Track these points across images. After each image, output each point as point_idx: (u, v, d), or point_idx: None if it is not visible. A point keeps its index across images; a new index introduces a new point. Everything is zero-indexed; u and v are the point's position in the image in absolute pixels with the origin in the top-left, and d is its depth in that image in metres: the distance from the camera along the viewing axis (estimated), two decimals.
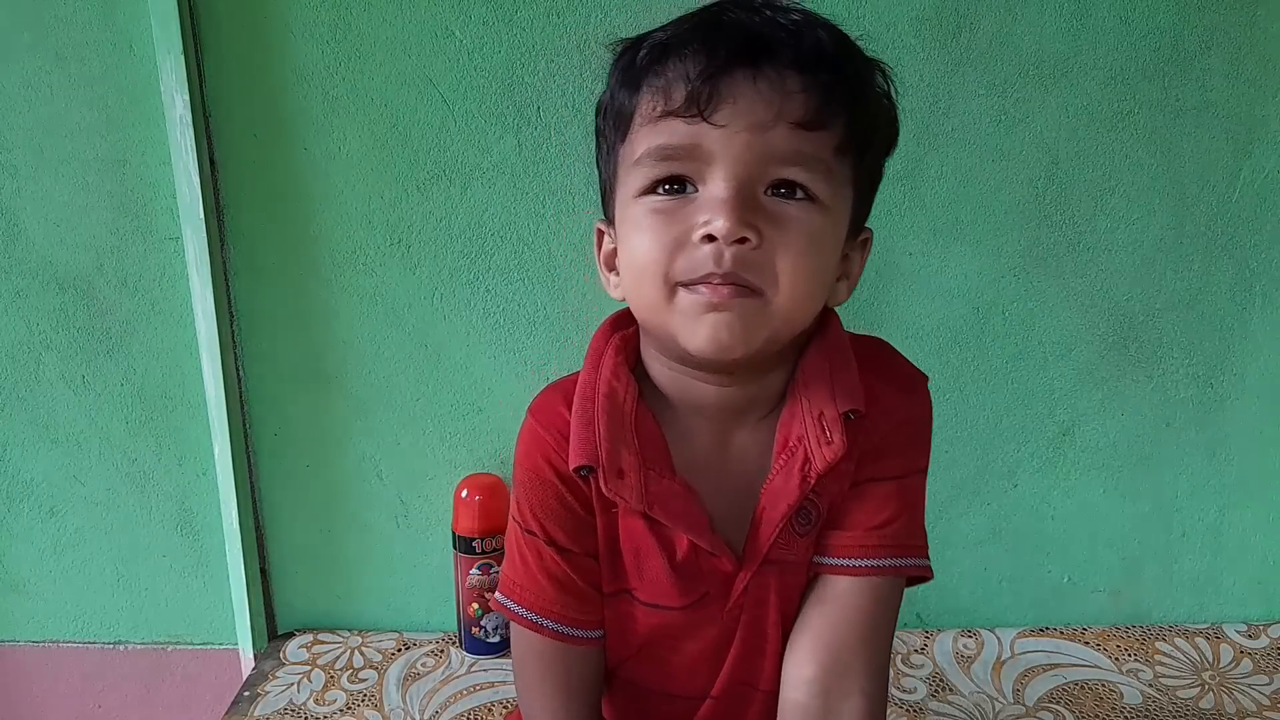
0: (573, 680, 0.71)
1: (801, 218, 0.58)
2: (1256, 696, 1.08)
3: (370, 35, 1.04)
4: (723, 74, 0.56)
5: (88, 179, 1.09)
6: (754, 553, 0.66)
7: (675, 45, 0.58)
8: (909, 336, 1.13)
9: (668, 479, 0.65)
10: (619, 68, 0.62)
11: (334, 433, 1.17)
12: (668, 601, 0.67)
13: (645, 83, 0.59)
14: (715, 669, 0.71)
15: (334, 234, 1.10)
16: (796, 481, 0.64)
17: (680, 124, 0.57)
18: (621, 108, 0.61)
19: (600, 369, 0.67)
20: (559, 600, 0.68)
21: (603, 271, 0.67)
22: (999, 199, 1.09)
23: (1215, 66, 1.05)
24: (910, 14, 1.03)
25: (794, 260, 0.58)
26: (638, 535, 0.66)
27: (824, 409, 0.64)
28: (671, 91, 0.57)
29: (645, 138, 0.59)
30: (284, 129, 1.07)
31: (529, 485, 0.68)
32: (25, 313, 1.14)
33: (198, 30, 1.04)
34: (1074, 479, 1.18)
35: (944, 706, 1.07)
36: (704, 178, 0.58)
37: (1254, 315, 1.13)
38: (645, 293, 0.60)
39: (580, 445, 0.64)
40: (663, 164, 0.58)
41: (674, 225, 0.58)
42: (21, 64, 1.06)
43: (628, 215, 0.61)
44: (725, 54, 0.56)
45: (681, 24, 0.60)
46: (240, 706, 1.09)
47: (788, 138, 0.57)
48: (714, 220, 0.56)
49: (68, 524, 1.22)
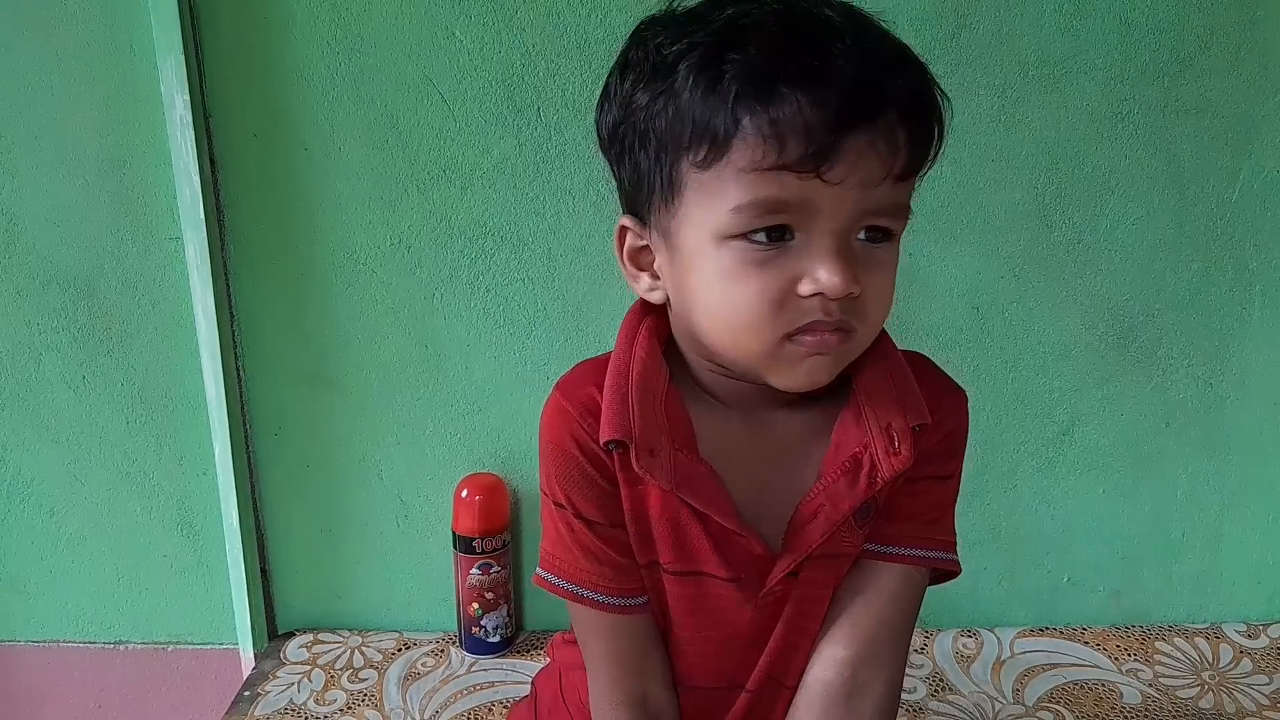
0: (625, 647, 0.71)
1: (886, 259, 0.60)
2: (1256, 696, 1.08)
3: (370, 35, 1.04)
4: (845, 129, 0.54)
5: (88, 179, 1.09)
6: (798, 545, 0.66)
7: (786, 83, 0.53)
8: (909, 336, 1.11)
9: (695, 462, 0.65)
10: (698, 79, 0.55)
11: (334, 433, 1.17)
12: (711, 569, 0.67)
13: (747, 117, 0.54)
14: (745, 660, 0.71)
15: (334, 234, 1.10)
16: (863, 487, 0.66)
17: (794, 179, 0.54)
18: (708, 130, 0.55)
19: (634, 348, 0.67)
20: (594, 571, 0.69)
21: (628, 269, 0.65)
22: (999, 199, 1.09)
23: (1215, 66, 1.05)
24: (910, 14, 1.03)
25: (881, 300, 0.60)
26: (673, 505, 0.66)
27: (892, 420, 0.66)
28: (785, 142, 0.53)
29: (749, 185, 0.55)
30: (284, 129, 1.07)
31: (555, 459, 0.68)
32: (25, 313, 1.14)
33: (198, 30, 1.04)
34: (1074, 479, 1.18)
35: (944, 706, 1.07)
36: (806, 228, 0.57)
37: (1254, 315, 1.13)
38: (745, 343, 0.59)
39: (613, 420, 0.64)
40: (769, 215, 0.56)
41: (777, 279, 0.57)
42: (22, 64, 1.06)
43: (708, 253, 0.58)
44: (848, 108, 0.54)
45: (780, 46, 0.54)
46: (240, 706, 1.09)
47: (890, 192, 0.57)
48: (825, 278, 0.56)
49: (68, 524, 1.22)
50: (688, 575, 0.68)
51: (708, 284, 0.59)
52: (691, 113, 0.55)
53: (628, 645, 0.71)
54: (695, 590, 0.68)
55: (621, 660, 0.70)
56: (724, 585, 0.67)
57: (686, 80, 0.55)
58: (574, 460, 0.67)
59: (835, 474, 0.66)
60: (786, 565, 0.67)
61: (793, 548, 0.67)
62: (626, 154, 0.61)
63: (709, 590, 0.68)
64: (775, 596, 0.68)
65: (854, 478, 0.66)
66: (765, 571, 0.67)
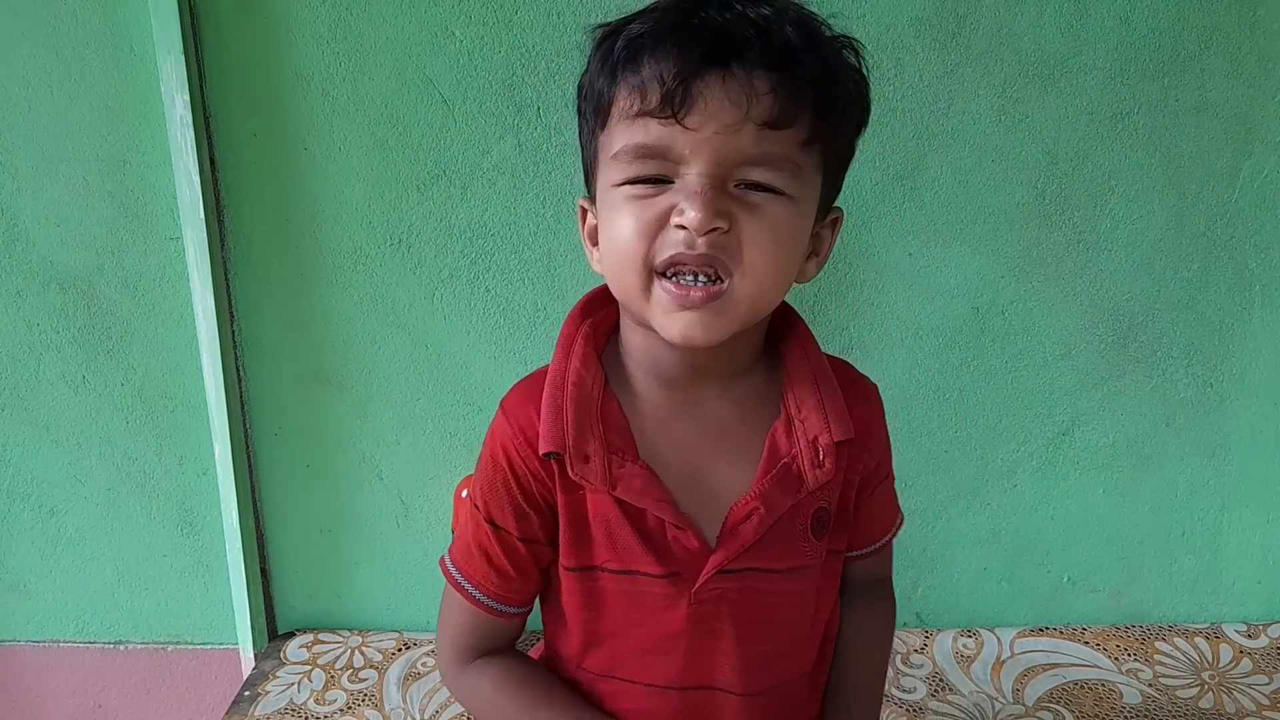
0: (479, 635, 0.77)
1: (769, 209, 0.62)
2: (1256, 696, 1.08)
3: (370, 35, 1.04)
4: (694, 76, 0.59)
5: (88, 179, 1.09)
6: (732, 544, 0.69)
7: (650, 42, 0.60)
8: (909, 336, 1.13)
9: (630, 463, 0.69)
10: (598, 55, 0.64)
11: (334, 433, 1.17)
12: (644, 567, 0.70)
13: (622, 77, 0.62)
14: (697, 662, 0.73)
15: (334, 234, 1.10)
16: (791, 494, 0.70)
17: (655, 124, 0.60)
18: (600, 96, 0.64)
19: (570, 358, 0.71)
20: (485, 574, 0.75)
21: (587, 246, 0.72)
22: (999, 199, 1.09)
23: (1215, 66, 1.05)
24: (910, 14, 1.03)
25: (761, 249, 0.62)
26: (605, 508, 0.70)
27: (819, 435, 0.70)
28: (646, 91, 0.60)
29: (623, 134, 0.62)
30: (284, 129, 1.07)
31: (483, 466, 0.74)
32: (25, 313, 1.14)
33: (198, 30, 1.04)
34: (1074, 479, 1.18)
35: (944, 706, 1.07)
36: (678, 174, 0.62)
37: (1254, 315, 1.13)
38: (625, 277, 0.64)
39: (549, 432, 0.68)
40: (638, 161, 0.62)
41: (650, 211, 0.62)
42: (22, 64, 1.06)
43: (608, 200, 0.65)
44: (696, 55, 0.59)
45: (657, 16, 0.62)
46: (240, 706, 1.09)
47: (755, 139, 0.60)
48: (687, 210, 0.60)
49: (68, 524, 1.22)
50: (623, 574, 0.71)
51: (606, 226, 0.65)
52: (594, 84, 0.64)
53: (481, 634, 0.77)
54: (631, 588, 0.71)
55: (468, 640, 0.77)
56: (657, 582, 0.70)
57: (594, 57, 0.65)
58: (500, 472, 0.72)
59: (767, 481, 0.70)
60: (718, 561, 0.69)
61: (726, 545, 0.70)
62: (580, 137, 0.69)
63: (644, 589, 0.71)
64: (712, 595, 0.70)
65: (784, 485, 0.70)
66: (701, 566, 0.70)
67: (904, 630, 1.20)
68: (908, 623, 1.22)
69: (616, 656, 0.74)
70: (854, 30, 1.02)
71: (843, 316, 1.12)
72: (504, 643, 0.78)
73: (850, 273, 1.10)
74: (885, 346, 1.13)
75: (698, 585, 0.70)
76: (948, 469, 1.17)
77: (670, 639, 0.72)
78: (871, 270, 1.11)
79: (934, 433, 1.16)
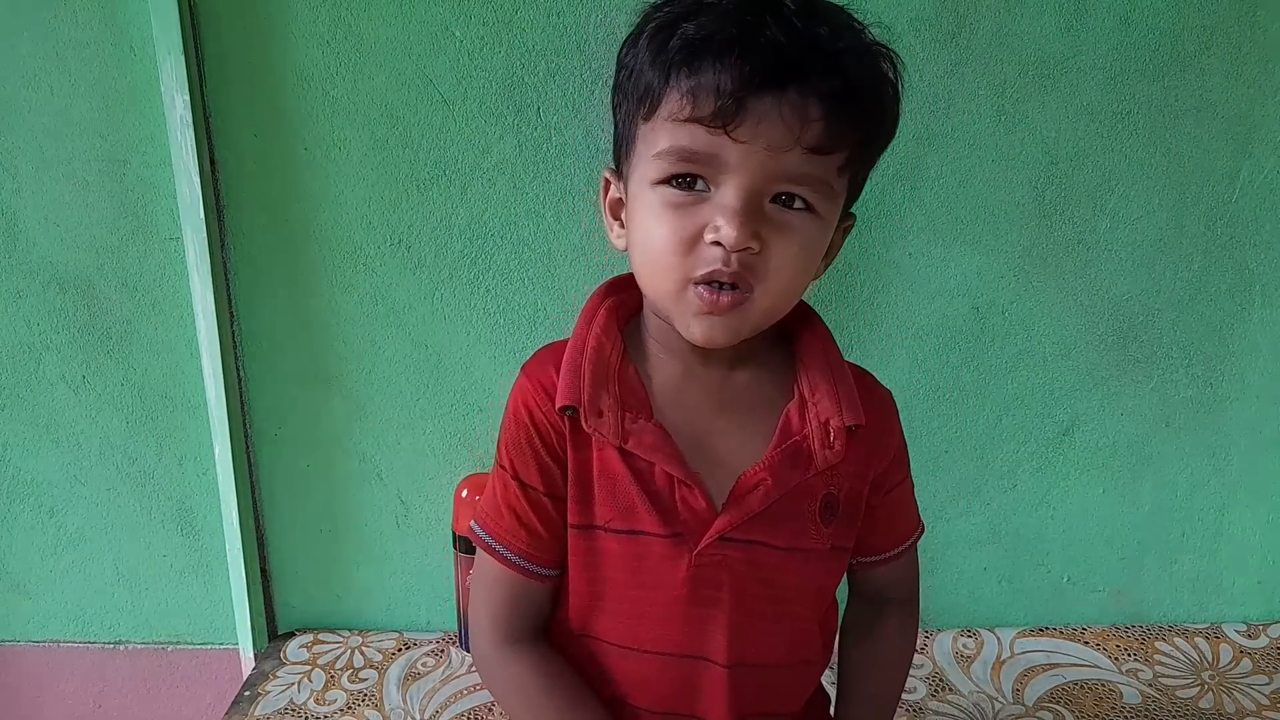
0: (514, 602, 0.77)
1: (799, 226, 0.65)
2: (1256, 696, 1.08)
3: (370, 35, 1.04)
4: (751, 94, 0.60)
5: (88, 179, 1.09)
6: (737, 510, 0.71)
7: (709, 49, 0.61)
8: (909, 336, 1.13)
9: (644, 419, 0.72)
10: (650, 45, 0.64)
11: (334, 433, 1.17)
12: (648, 527, 0.71)
13: (675, 77, 0.62)
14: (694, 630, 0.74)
15: (334, 234, 1.10)
16: (801, 470, 0.72)
17: (703, 132, 0.62)
18: (650, 88, 0.64)
19: (591, 326, 0.74)
20: (513, 530, 0.76)
21: (606, 218, 0.73)
22: (999, 199, 1.09)
23: (1214, 66, 1.05)
24: (909, 14, 1.03)
25: (786, 266, 0.65)
26: (613, 465, 0.72)
27: (830, 418, 0.72)
28: (700, 99, 0.61)
29: (669, 134, 0.63)
30: (284, 129, 1.07)
31: (507, 425, 0.76)
32: (25, 313, 1.14)
33: (198, 30, 1.04)
34: (1074, 479, 1.18)
35: (944, 706, 1.07)
36: (718, 182, 0.63)
37: (1254, 315, 1.13)
38: (657, 280, 0.67)
39: (566, 389, 0.71)
40: (683, 164, 0.63)
41: (687, 223, 0.64)
42: (22, 64, 1.06)
43: (643, 196, 0.66)
44: (757, 73, 0.60)
45: (718, 21, 0.62)
46: (240, 706, 1.09)
47: (800, 161, 0.62)
48: (724, 229, 0.62)
49: (68, 524, 1.22)
50: (625, 534, 0.72)
51: (640, 223, 0.67)
52: (642, 73, 0.65)
53: (517, 603, 0.77)
54: (633, 549, 0.72)
55: (506, 612, 0.77)
56: (660, 542, 0.71)
57: (646, 46, 0.64)
58: (524, 428, 0.74)
59: (778, 455, 0.72)
60: (724, 525, 0.71)
61: (731, 510, 0.71)
62: (615, 110, 0.70)
63: (646, 549, 0.72)
64: (714, 560, 0.71)
65: (794, 462, 0.72)
66: (704, 531, 0.71)
67: None
68: None
69: (614, 623, 0.75)
70: None
71: (843, 316, 1.12)
72: (538, 620, 0.78)
73: (850, 273, 1.10)
74: (885, 346, 1.13)
75: (700, 546, 0.71)
76: (948, 469, 1.17)
77: (669, 603, 0.73)
78: (871, 270, 1.11)
79: (934, 433, 1.16)
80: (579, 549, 0.74)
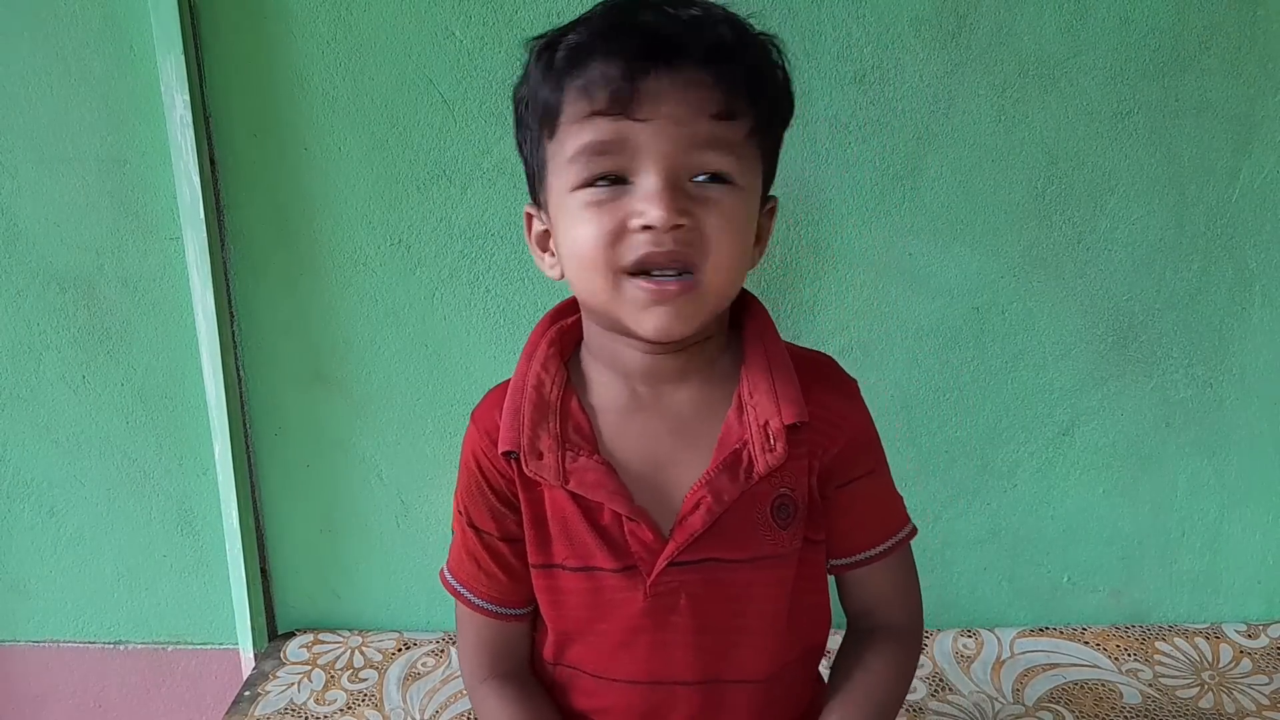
0: (492, 641, 0.79)
1: (724, 198, 0.65)
2: (1256, 696, 1.08)
3: (370, 36, 1.04)
4: (640, 74, 0.61)
5: (88, 179, 1.09)
6: (680, 534, 0.70)
7: (592, 48, 0.63)
8: (909, 336, 1.13)
9: (585, 457, 0.71)
10: (539, 67, 0.66)
11: (334, 433, 1.17)
12: (600, 562, 0.71)
13: (568, 84, 0.64)
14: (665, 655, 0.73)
15: (334, 234, 1.10)
16: (741, 480, 0.70)
17: (607, 122, 0.62)
18: (547, 105, 0.65)
19: (531, 362, 0.74)
20: (475, 575, 0.77)
21: (536, 252, 0.73)
22: (999, 199, 1.09)
23: (1215, 66, 1.05)
24: (910, 14, 1.03)
25: (722, 240, 0.64)
26: (562, 505, 0.72)
27: (769, 419, 0.70)
28: (595, 93, 0.62)
29: (576, 136, 0.64)
30: (284, 129, 1.07)
31: (462, 473, 0.78)
32: (25, 313, 1.14)
33: (198, 30, 1.04)
34: (1074, 479, 1.18)
35: (944, 706, 1.07)
36: (635, 171, 0.63)
37: (1254, 315, 1.13)
38: (591, 281, 0.65)
39: (507, 432, 0.72)
40: (595, 159, 0.63)
41: (612, 215, 0.63)
42: (22, 63, 1.06)
43: (565, 207, 0.66)
44: (639, 54, 0.62)
45: (593, 24, 0.64)
46: (240, 706, 1.09)
47: (709, 128, 0.63)
48: (649, 211, 0.62)
49: (68, 524, 1.22)
50: (581, 570, 0.72)
51: (566, 233, 0.66)
52: (537, 94, 0.66)
53: (491, 641, 0.79)
54: (590, 584, 0.72)
55: (481, 650, 0.79)
56: (614, 577, 0.71)
57: (535, 68, 0.66)
58: (473, 476, 0.76)
59: (717, 468, 0.70)
60: (671, 551, 0.70)
61: (676, 535, 0.70)
62: (521, 148, 0.71)
63: (602, 583, 0.72)
64: (669, 588, 0.71)
65: (734, 472, 0.70)
66: (655, 561, 0.71)
67: None
68: None
69: (585, 653, 0.75)
70: (854, 30, 1.03)
71: (843, 316, 1.12)
72: (517, 653, 0.79)
73: (850, 273, 1.10)
74: (885, 346, 1.13)
75: (652, 578, 0.70)
76: (948, 469, 1.17)
77: (630, 633, 0.72)
78: (871, 270, 1.10)
79: (934, 433, 1.16)
80: (542, 587, 0.75)
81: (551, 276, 0.71)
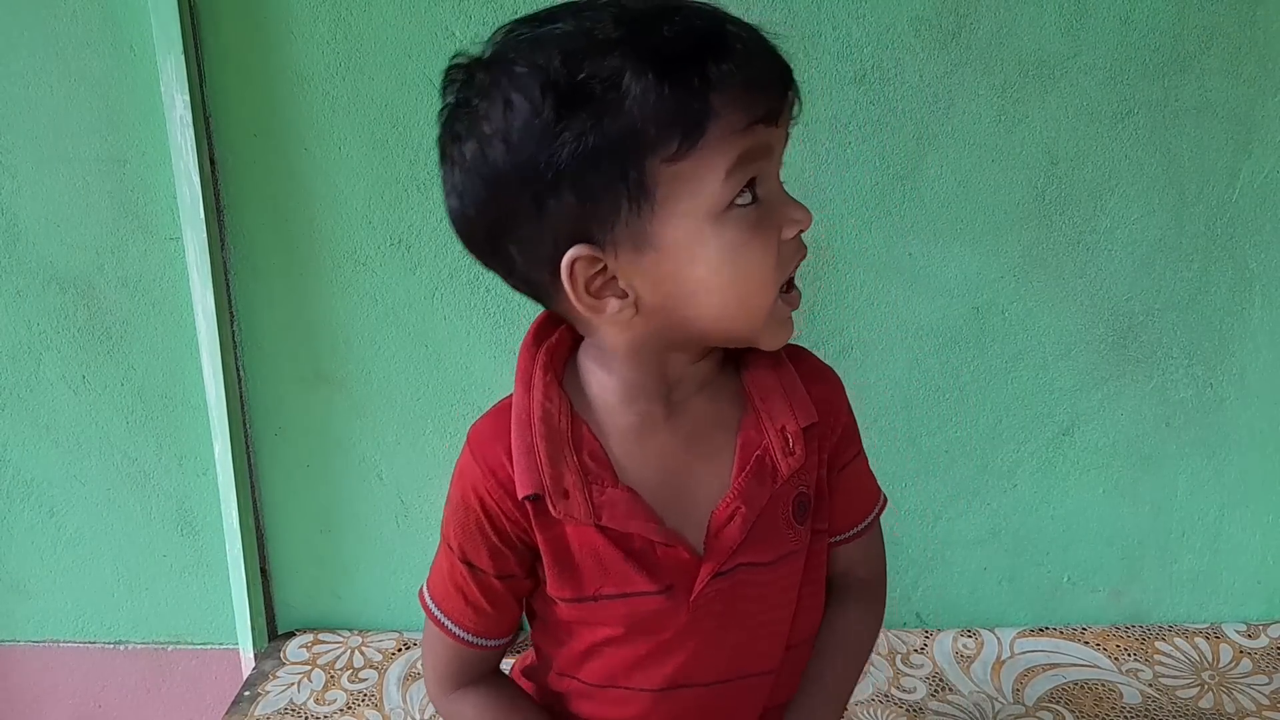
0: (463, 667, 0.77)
1: None
2: (1256, 696, 1.08)
3: (370, 36, 1.04)
4: (788, 79, 0.62)
5: (88, 179, 1.09)
6: (718, 548, 0.69)
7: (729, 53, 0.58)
8: (909, 336, 1.13)
9: (610, 488, 0.68)
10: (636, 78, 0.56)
11: (334, 433, 1.17)
12: (639, 587, 0.70)
13: (713, 95, 0.57)
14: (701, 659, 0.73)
15: (334, 234, 1.10)
16: (768, 487, 0.70)
17: (765, 130, 0.60)
18: (677, 119, 0.57)
19: (532, 391, 0.70)
20: (464, 612, 0.74)
21: (587, 303, 0.62)
22: (999, 199, 1.09)
23: (1215, 66, 1.05)
24: (910, 14, 1.03)
25: None
26: (591, 538, 0.69)
27: (785, 424, 0.70)
28: (757, 99, 0.59)
29: (731, 147, 0.58)
30: (284, 129, 1.07)
31: (455, 506, 0.73)
32: (25, 313, 1.14)
33: (198, 30, 1.04)
34: (1074, 479, 1.18)
35: (944, 706, 1.07)
36: (765, 175, 0.62)
37: (1254, 315, 1.13)
38: (756, 304, 0.63)
39: (525, 475, 0.67)
40: (753, 166, 0.60)
41: (770, 233, 0.62)
42: (22, 63, 1.06)
43: (707, 237, 0.60)
44: (777, 62, 0.61)
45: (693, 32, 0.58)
46: (240, 706, 1.09)
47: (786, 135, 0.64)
48: (800, 215, 0.63)
49: (68, 524, 1.22)
50: (619, 598, 0.70)
51: (716, 267, 0.61)
52: (652, 113, 0.56)
53: (463, 664, 0.77)
54: (629, 609, 0.70)
55: (452, 670, 0.77)
56: (655, 599, 0.70)
57: (633, 88, 0.56)
58: (472, 514, 0.71)
59: (745, 478, 0.70)
60: (711, 569, 0.69)
61: (713, 551, 0.69)
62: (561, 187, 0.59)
63: (642, 606, 0.70)
64: (708, 599, 0.70)
65: (760, 479, 0.70)
66: (694, 576, 0.69)
67: (904, 630, 1.20)
68: (908, 623, 1.22)
69: (614, 666, 0.74)
70: (854, 30, 1.03)
71: (843, 316, 1.12)
72: (488, 669, 0.79)
73: (850, 273, 1.10)
74: (885, 346, 1.13)
75: (695, 594, 0.69)
76: (948, 469, 1.17)
77: (665, 645, 0.72)
78: (871, 270, 1.10)
79: (934, 433, 1.16)
80: (570, 616, 0.73)
81: (618, 320, 0.63)
